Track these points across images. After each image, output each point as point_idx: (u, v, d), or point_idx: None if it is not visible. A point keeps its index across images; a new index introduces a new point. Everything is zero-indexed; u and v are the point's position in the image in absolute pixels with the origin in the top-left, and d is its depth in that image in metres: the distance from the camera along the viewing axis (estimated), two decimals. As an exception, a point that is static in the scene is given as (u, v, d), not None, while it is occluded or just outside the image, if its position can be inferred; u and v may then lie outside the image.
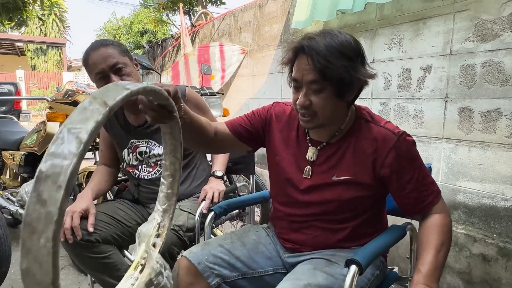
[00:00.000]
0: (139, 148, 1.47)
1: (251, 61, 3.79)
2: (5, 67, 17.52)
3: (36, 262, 0.47)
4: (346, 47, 0.88)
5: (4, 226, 1.78)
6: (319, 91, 0.90)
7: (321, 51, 0.86)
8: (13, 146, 2.61)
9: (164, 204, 0.89)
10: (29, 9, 5.93)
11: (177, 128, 0.87)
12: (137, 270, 0.84)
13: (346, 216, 1.02)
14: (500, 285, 1.64)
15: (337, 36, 0.89)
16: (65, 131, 0.50)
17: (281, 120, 1.09)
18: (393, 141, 0.94)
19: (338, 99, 0.92)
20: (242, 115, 1.14)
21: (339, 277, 0.90)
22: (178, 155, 0.90)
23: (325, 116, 0.93)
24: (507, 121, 1.65)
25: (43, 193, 0.46)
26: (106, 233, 1.32)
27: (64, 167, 0.47)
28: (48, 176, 0.47)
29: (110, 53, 1.30)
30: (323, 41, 0.88)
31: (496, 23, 1.67)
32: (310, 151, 1.03)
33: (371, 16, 2.32)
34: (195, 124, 0.97)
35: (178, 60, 5.33)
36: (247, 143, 1.13)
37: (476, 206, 1.79)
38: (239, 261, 1.07)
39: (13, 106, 6.50)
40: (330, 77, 0.87)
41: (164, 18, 9.83)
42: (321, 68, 0.86)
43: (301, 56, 0.91)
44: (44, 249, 0.46)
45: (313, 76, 0.88)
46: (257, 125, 1.11)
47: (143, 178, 1.47)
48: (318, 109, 0.92)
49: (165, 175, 0.90)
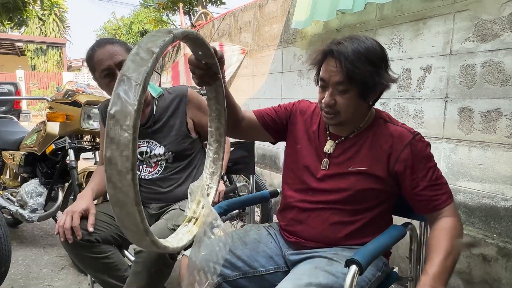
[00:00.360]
0: (140, 148, 1.47)
1: (251, 61, 3.79)
2: (5, 67, 17.52)
3: (118, 149, 0.57)
4: (372, 53, 0.95)
5: (4, 226, 1.78)
6: (344, 92, 0.97)
7: (348, 56, 0.93)
8: (13, 146, 2.60)
9: (211, 168, 0.99)
10: (29, 9, 5.93)
11: (221, 93, 0.92)
12: (191, 222, 0.92)
13: (357, 208, 1.04)
14: (500, 285, 1.64)
15: (364, 42, 0.96)
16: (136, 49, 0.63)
17: (305, 114, 1.17)
18: (408, 138, 1.00)
19: (361, 100, 0.99)
20: (269, 107, 1.22)
21: (340, 276, 0.91)
22: (222, 121, 0.96)
23: (347, 115, 1.00)
24: (507, 121, 1.65)
25: (124, 91, 0.57)
26: (106, 233, 1.32)
27: (141, 70, 0.58)
28: (128, 78, 0.58)
29: (117, 50, 1.32)
30: (351, 46, 0.94)
31: (496, 23, 1.67)
32: (328, 144, 1.08)
33: (371, 16, 2.32)
34: (228, 99, 1.01)
35: (178, 60, 5.33)
36: (270, 132, 1.19)
37: (476, 206, 1.79)
38: (240, 261, 1.08)
39: (13, 106, 6.50)
40: (355, 80, 0.94)
41: (164, 18, 9.83)
42: (347, 72, 0.93)
43: (329, 59, 0.98)
44: (125, 137, 0.56)
45: (340, 78, 0.95)
46: (282, 116, 1.18)
47: (143, 178, 1.47)
48: (342, 108, 0.99)
49: (211, 141, 0.98)
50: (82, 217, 1.27)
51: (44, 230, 2.84)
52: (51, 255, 2.37)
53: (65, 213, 1.26)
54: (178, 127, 1.46)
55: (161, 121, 1.45)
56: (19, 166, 2.41)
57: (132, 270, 1.23)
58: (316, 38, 2.84)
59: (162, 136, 1.46)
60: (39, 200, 2.26)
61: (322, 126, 1.13)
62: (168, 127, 1.46)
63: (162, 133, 1.46)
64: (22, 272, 2.14)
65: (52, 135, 2.22)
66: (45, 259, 2.32)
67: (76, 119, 2.04)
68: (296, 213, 1.12)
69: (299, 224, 1.10)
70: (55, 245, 2.53)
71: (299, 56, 3.05)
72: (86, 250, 1.27)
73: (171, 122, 1.46)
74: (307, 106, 1.19)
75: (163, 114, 1.46)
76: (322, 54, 1.00)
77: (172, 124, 1.46)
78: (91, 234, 1.27)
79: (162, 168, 1.47)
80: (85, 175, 2.09)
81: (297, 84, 3.10)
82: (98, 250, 1.29)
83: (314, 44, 2.86)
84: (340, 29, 2.60)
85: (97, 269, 1.33)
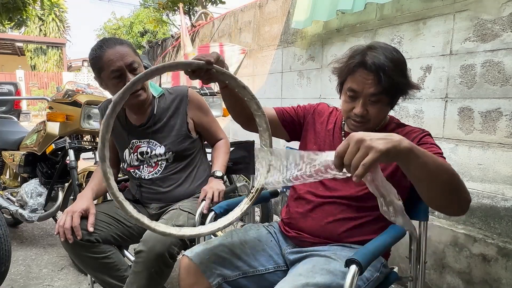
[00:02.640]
0: (140, 148, 1.47)
1: (251, 61, 3.79)
2: (5, 67, 17.52)
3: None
4: (402, 64, 1.00)
5: (4, 226, 1.77)
6: (377, 102, 1.00)
7: (386, 70, 0.95)
8: (13, 146, 2.60)
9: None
10: (29, 9, 5.93)
11: (229, 78, 0.97)
12: (249, 197, 1.08)
13: (363, 205, 1.05)
14: (500, 285, 1.64)
15: (391, 52, 0.98)
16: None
17: (323, 115, 1.23)
18: (417, 133, 1.04)
19: (389, 107, 1.05)
20: (289, 106, 1.28)
21: (338, 274, 0.91)
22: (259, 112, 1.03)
23: (376, 122, 1.05)
24: (507, 121, 1.65)
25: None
26: (106, 233, 1.32)
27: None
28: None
29: (126, 51, 1.31)
30: (383, 58, 0.96)
31: (496, 23, 1.67)
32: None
33: (371, 16, 2.32)
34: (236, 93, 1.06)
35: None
36: (287, 129, 1.24)
37: (476, 206, 1.79)
38: (240, 260, 1.08)
39: (13, 106, 6.51)
40: (391, 92, 0.98)
41: (164, 18, 9.83)
42: (385, 85, 0.96)
43: (361, 70, 0.98)
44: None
45: (375, 90, 0.97)
46: (301, 115, 1.24)
47: (144, 178, 1.47)
48: (373, 117, 1.03)
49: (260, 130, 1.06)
50: (82, 217, 1.27)
51: (44, 230, 2.84)
52: (51, 255, 2.37)
53: (65, 213, 1.26)
54: (178, 127, 1.46)
55: (162, 121, 1.46)
56: (19, 166, 2.42)
57: (132, 270, 1.23)
58: (316, 38, 2.84)
59: (162, 136, 1.46)
60: (39, 200, 2.26)
61: (338, 126, 1.16)
62: (169, 127, 1.46)
63: (162, 133, 1.46)
64: (22, 272, 2.14)
65: (52, 135, 2.22)
66: (45, 259, 2.32)
67: (76, 119, 2.04)
68: (301, 204, 1.14)
69: (301, 217, 1.12)
70: (55, 245, 2.53)
71: (299, 56, 3.05)
72: (86, 250, 1.27)
73: (172, 122, 1.46)
74: (325, 108, 1.24)
75: (164, 114, 1.46)
76: (353, 65, 1.00)
77: (172, 124, 1.46)
78: (91, 234, 1.27)
79: (162, 168, 1.47)
80: (85, 175, 2.09)
81: (297, 84, 3.10)
82: (98, 250, 1.29)
83: (314, 44, 2.86)
84: (340, 29, 2.60)
85: (97, 269, 1.33)
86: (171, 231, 0.96)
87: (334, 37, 2.67)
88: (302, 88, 3.04)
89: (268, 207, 2.32)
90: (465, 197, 0.81)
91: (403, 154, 0.70)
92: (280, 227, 1.22)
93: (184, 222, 1.29)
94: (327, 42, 2.74)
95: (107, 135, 0.83)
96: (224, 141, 1.60)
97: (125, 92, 0.84)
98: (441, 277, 1.86)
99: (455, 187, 0.78)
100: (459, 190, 0.79)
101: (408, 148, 0.69)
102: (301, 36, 3.01)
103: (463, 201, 0.81)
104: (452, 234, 1.81)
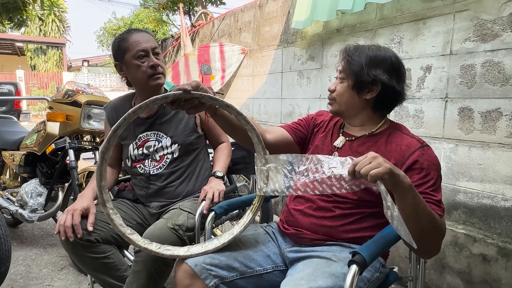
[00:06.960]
0: (148, 142, 1.48)
1: (251, 61, 3.79)
2: (5, 67, 17.53)
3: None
4: (382, 59, 1.06)
5: (4, 226, 1.77)
6: (342, 80, 1.11)
7: (350, 49, 1.10)
8: (13, 146, 2.60)
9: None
10: (29, 9, 5.93)
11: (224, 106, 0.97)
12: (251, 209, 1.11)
13: (361, 201, 1.05)
14: (500, 285, 1.64)
15: (377, 47, 1.09)
16: None
17: (323, 118, 1.30)
18: (416, 146, 1.03)
19: (354, 92, 1.09)
20: (294, 122, 1.32)
21: (340, 276, 0.91)
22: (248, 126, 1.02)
23: (340, 102, 1.12)
24: (507, 121, 1.65)
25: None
26: (106, 233, 1.32)
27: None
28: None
29: (151, 38, 1.44)
30: (362, 47, 1.10)
31: (496, 23, 1.67)
32: (339, 140, 1.16)
33: (371, 16, 2.32)
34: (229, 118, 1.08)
35: (178, 60, 5.33)
36: (300, 145, 1.27)
37: (476, 206, 1.79)
38: (236, 261, 1.08)
39: (13, 106, 6.50)
40: (354, 74, 1.07)
41: (164, 18, 9.83)
42: (351, 66, 1.08)
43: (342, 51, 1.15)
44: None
45: (341, 67, 1.12)
46: (307, 125, 1.29)
47: (149, 174, 1.48)
48: (337, 95, 1.12)
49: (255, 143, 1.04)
50: (83, 216, 1.28)
51: (44, 230, 2.84)
52: (51, 255, 2.37)
53: (66, 211, 1.27)
54: (186, 120, 1.49)
55: (170, 113, 1.49)
56: (19, 166, 2.41)
57: (132, 270, 1.23)
58: (316, 38, 2.84)
59: (170, 127, 1.48)
60: (39, 200, 2.26)
61: (338, 126, 1.22)
62: (177, 119, 1.49)
63: (170, 125, 1.49)
64: (22, 272, 2.14)
65: (52, 135, 2.22)
66: (45, 259, 2.32)
67: (76, 119, 2.04)
68: (300, 202, 1.14)
69: (300, 214, 1.12)
70: (55, 245, 2.53)
71: (299, 56, 3.05)
72: (86, 250, 1.27)
73: (180, 115, 1.49)
74: (324, 113, 1.31)
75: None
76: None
77: (181, 117, 1.49)
78: (91, 234, 1.27)
79: (167, 163, 1.48)
80: (85, 175, 2.09)
81: (297, 84, 3.10)
82: (98, 250, 1.29)
83: (314, 44, 2.86)
84: (340, 29, 2.60)
85: (97, 269, 1.33)
86: (180, 252, 1.07)
87: (334, 37, 2.67)
88: (302, 88, 3.04)
89: (268, 207, 2.32)
90: (436, 242, 0.95)
91: (402, 187, 0.84)
92: (279, 226, 1.23)
93: (184, 221, 1.29)
94: (327, 42, 2.74)
95: (101, 182, 0.94)
96: (226, 144, 1.63)
97: (109, 140, 0.91)
98: (441, 277, 1.86)
99: (431, 232, 0.91)
100: (434, 235, 0.93)
101: (409, 185, 0.84)
102: (301, 36, 3.01)
103: (435, 243, 0.96)
104: (452, 234, 1.81)
